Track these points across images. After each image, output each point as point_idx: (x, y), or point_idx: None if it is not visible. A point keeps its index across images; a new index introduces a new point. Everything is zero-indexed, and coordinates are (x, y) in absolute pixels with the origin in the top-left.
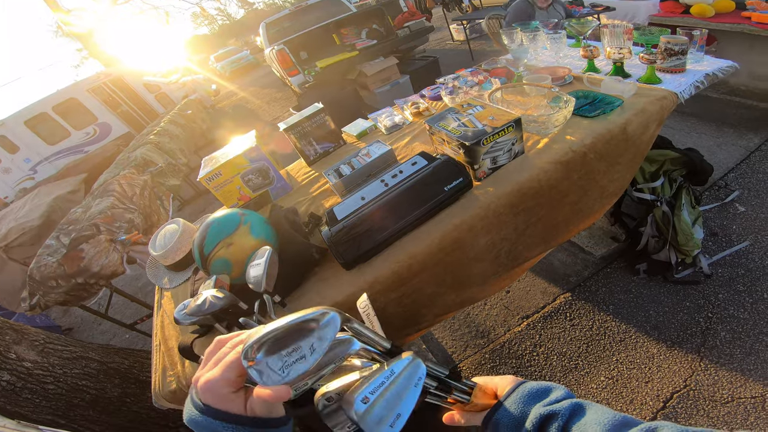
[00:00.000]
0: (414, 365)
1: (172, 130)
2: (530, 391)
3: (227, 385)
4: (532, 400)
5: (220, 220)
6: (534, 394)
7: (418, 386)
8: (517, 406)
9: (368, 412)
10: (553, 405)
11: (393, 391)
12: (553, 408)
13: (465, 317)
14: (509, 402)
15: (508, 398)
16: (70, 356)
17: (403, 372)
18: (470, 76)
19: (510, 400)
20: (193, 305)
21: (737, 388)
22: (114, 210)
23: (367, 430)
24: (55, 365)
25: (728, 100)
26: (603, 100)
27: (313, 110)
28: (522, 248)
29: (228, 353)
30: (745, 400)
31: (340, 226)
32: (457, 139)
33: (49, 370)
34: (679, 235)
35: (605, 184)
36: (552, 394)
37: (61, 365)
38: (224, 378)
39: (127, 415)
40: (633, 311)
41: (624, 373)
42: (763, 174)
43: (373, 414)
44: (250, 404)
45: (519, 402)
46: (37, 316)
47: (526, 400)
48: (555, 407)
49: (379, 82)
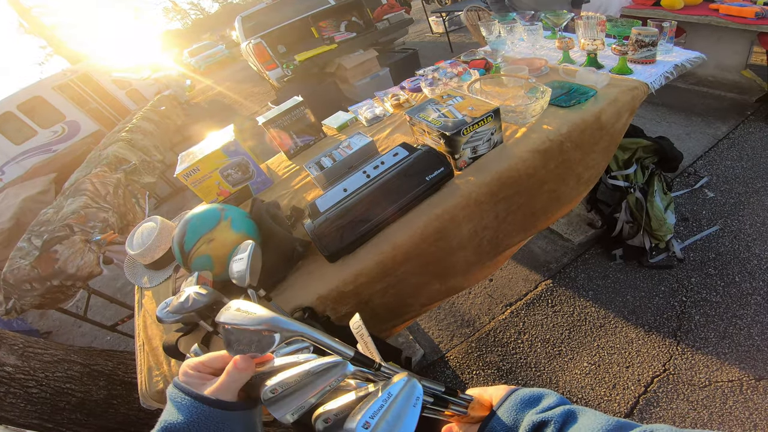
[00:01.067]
0: (410, 386)
1: (145, 126)
2: (522, 398)
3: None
4: (525, 407)
5: (199, 216)
6: (526, 402)
7: (417, 406)
8: (509, 415)
9: None
10: (546, 412)
11: (393, 413)
12: (546, 415)
13: (450, 307)
14: (502, 411)
15: (501, 407)
16: (51, 359)
17: (401, 393)
18: (449, 67)
19: (503, 409)
20: (175, 303)
21: (714, 371)
22: (87, 209)
23: None
24: (36, 369)
25: (696, 90)
26: (578, 90)
27: (293, 103)
28: (503, 236)
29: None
30: (723, 384)
31: (323, 218)
32: (437, 129)
33: (31, 374)
34: (653, 221)
35: (581, 171)
36: (544, 400)
37: (42, 369)
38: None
39: (115, 417)
40: (611, 296)
41: (605, 358)
42: (730, 161)
43: None
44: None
45: (512, 410)
46: (14, 321)
47: (518, 407)
48: (548, 414)
49: (359, 75)
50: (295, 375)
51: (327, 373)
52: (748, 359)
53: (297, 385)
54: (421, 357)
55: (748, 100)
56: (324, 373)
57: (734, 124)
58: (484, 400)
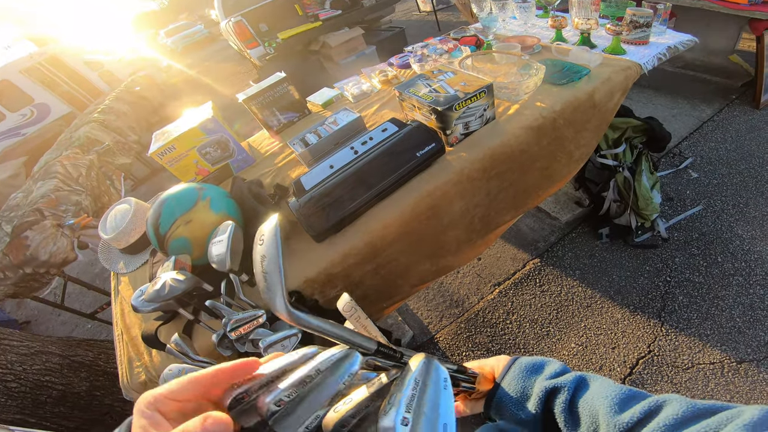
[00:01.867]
0: (434, 369)
1: (118, 107)
2: (526, 365)
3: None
4: (530, 374)
5: (175, 196)
6: (531, 369)
7: (448, 388)
8: (516, 383)
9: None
10: (556, 378)
11: (428, 402)
12: (558, 381)
13: (439, 287)
14: (507, 381)
15: (505, 377)
16: (27, 352)
17: (428, 378)
18: (439, 44)
19: (508, 379)
20: (151, 290)
21: (696, 353)
22: (58, 193)
23: None
24: (13, 362)
25: (683, 73)
26: (571, 68)
27: (275, 80)
28: (494, 214)
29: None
30: (705, 366)
31: (309, 196)
32: (428, 104)
33: (8, 368)
34: (639, 200)
35: (572, 149)
36: (549, 367)
37: (20, 362)
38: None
39: (99, 408)
40: (597, 276)
41: (592, 339)
42: (714, 143)
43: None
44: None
45: (517, 379)
46: None
47: (524, 375)
48: (560, 381)
49: (344, 53)
50: (302, 377)
51: (338, 368)
52: (729, 341)
53: (306, 390)
54: (411, 338)
55: (733, 85)
56: (335, 367)
57: (719, 108)
58: (487, 373)
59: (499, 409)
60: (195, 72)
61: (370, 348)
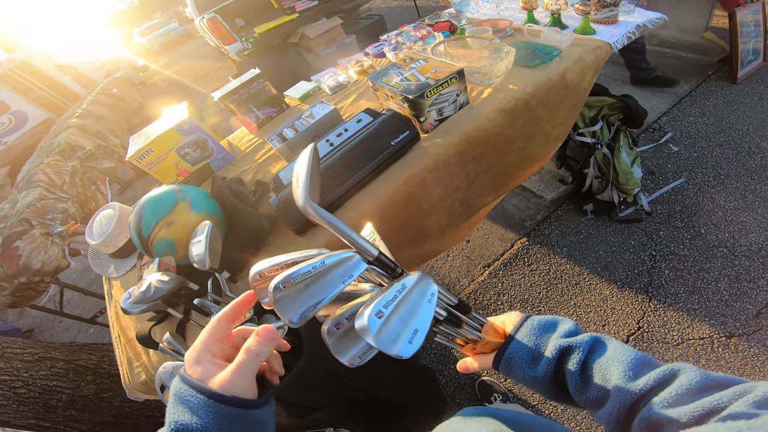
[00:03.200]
0: (425, 282)
1: (96, 111)
2: (539, 323)
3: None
4: (543, 332)
5: (155, 199)
6: (544, 326)
7: (432, 302)
8: (529, 339)
9: (383, 328)
10: (572, 338)
11: (407, 306)
12: (573, 341)
13: (430, 270)
14: (520, 336)
15: (518, 332)
16: (31, 359)
17: (415, 287)
18: (414, 31)
19: (521, 334)
20: (137, 293)
21: (685, 329)
22: (44, 201)
23: (383, 349)
24: (19, 369)
25: (659, 51)
26: (542, 50)
27: (250, 76)
28: (475, 196)
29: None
30: (695, 341)
31: (288, 191)
32: (400, 93)
33: (15, 375)
34: (620, 175)
35: (549, 129)
36: (561, 325)
37: (25, 368)
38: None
39: (109, 410)
40: (584, 252)
41: (582, 317)
42: (693, 117)
43: (388, 330)
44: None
45: (530, 335)
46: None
47: (537, 332)
48: (575, 340)
49: (324, 44)
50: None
51: (340, 267)
52: (717, 315)
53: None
54: None
55: (709, 61)
56: (337, 266)
57: (696, 83)
58: (498, 327)
59: (510, 365)
60: (173, 71)
61: (372, 254)
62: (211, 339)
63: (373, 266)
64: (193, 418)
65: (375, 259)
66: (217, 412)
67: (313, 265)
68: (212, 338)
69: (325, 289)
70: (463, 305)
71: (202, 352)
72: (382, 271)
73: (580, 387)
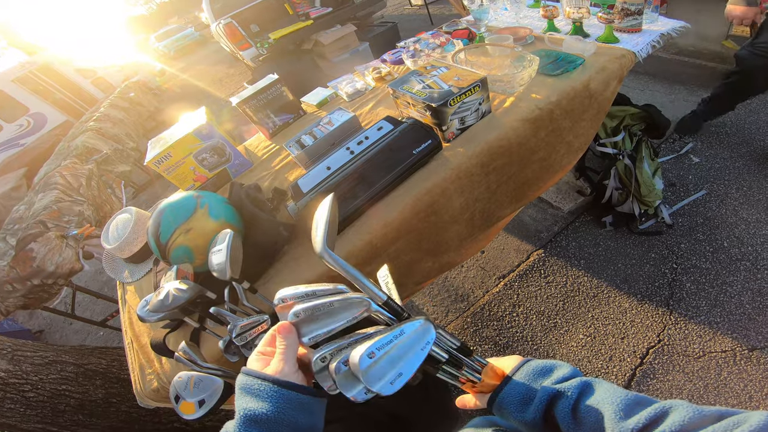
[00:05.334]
0: (424, 329)
1: (114, 114)
2: (535, 368)
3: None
4: (538, 377)
5: (173, 205)
6: (539, 372)
7: (425, 350)
8: (522, 384)
9: (371, 367)
10: (562, 383)
11: (399, 350)
12: (562, 386)
13: (443, 282)
14: (516, 378)
15: (513, 376)
16: (42, 362)
17: (413, 334)
18: (432, 38)
19: (517, 377)
20: (155, 301)
21: (707, 342)
22: (60, 204)
23: (368, 385)
24: (29, 372)
25: (678, 60)
26: (565, 58)
27: (268, 82)
28: (495, 207)
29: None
30: (716, 354)
31: (307, 199)
32: (423, 101)
33: (25, 378)
34: (642, 187)
35: (571, 139)
36: (558, 371)
37: (35, 372)
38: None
39: (117, 415)
40: (603, 265)
41: (600, 329)
42: (714, 127)
43: (375, 369)
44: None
45: (524, 379)
46: (5, 322)
47: (531, 377)
48: (564, 385)
49: (337, 50)
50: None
51: (350, 308)
52: (740, 329)
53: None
54: None
55: (729, 69)
56: (347, 307)
57: None
58: (498, 369)
59: (501, 408)
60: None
61: (381, 298)
62: (267, 344)
63: (382, 309)
64: (259, 404)
65: (384, 303)
66: (278, 395)
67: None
68: (267, 344)
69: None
70: (464, 348)
71: (258, 354)
72: (390, 314)
73: (573, 431)
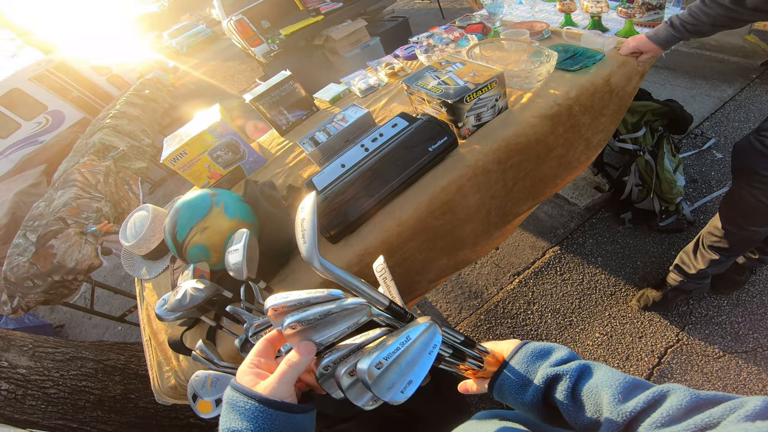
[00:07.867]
0: (430, 332)
1: (129, 111)
2: (533, 351)
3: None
4: (536, 360)
5: (190, 204)
6: (537, 354)
7: (433, 354)
8: (521, 367)
9: (381, 377)
10: (560, 366)
11: (407, 358)
12: (561, 369)
13: (457, 278)
14: (513, 363)
15: (512, 359)
16: (63, 358)
17: (419, 339)
18: (445, 33)
19: (514, 361)
20: (172, 300)
21: (728, 342)
22: (79, 200)
23: (378, 395)
24: (50, 369)
25: (699, 54)
26: (584, 53)
27: (281, 78)
28: (511, 204)
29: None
30: (737, 354)
31: (322, 197)
32: (438, 97)
33: (46, 375)
34: (663, 183)
35: (590, 136)
36: (555, 353)
37: (56, 368)
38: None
39: (135, 411)
40: (621, 262)
41: (617, 328)
42: (738, 122)
43: (385, 379)
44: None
45: (523, 362)
46: (26, 317)
47: (529, 360)
48: (563, 368)
49: (348, 46)
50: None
51: (350, 316)
52: (761, 329)
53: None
54: None
55: (752, 64)
56: (347, 315)
57: (740, 87)
58: (497, 354)
59: (501, 391)
60: (201, 72)
61: (384, 304)
62: (259, 355)
63: (385, 314)
64: (244, 423)
65: (386, 308)
66: (265, 415)
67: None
68: (259, 354)
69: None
70: (468, 340)
71: (250, 366)
72: (393, 318)
73: (572, 413)
